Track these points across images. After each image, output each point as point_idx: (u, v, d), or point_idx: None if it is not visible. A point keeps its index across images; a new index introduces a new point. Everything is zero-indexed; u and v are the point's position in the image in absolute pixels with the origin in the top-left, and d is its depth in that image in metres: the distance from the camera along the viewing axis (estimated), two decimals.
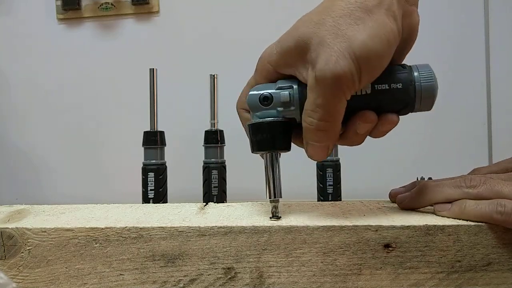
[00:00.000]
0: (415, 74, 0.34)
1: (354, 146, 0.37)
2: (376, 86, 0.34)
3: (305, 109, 0.33)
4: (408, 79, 0.34)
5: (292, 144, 0.38)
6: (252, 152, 0.38)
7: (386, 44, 0.31)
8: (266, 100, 0.35)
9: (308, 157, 0.36)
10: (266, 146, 0.36)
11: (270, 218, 0.36)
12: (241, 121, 0.40)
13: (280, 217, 0.36)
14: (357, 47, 0.30)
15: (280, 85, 0.35)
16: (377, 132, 0.35)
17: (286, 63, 0.34)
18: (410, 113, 0.36)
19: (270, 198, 0.36)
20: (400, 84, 0.34)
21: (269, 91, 0.36)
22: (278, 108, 0.35)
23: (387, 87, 0.34)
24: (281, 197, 0.36)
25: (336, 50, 0.30)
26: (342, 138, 0.36)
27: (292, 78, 0.36)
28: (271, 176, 0.36)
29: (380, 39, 0.30)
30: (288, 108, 0.35)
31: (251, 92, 0.36)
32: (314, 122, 0.32)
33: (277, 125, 0.36)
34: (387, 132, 0.36)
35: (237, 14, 0.86)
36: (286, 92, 0.35)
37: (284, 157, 0.40)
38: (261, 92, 0.36)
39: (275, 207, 0.36)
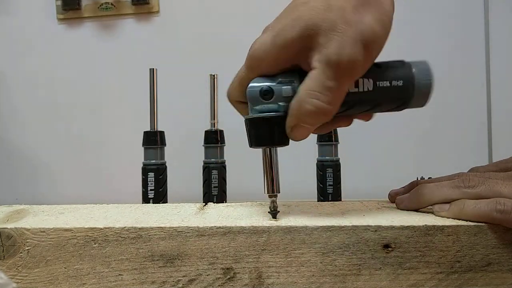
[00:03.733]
0: (414, 70, 0.34)
1: (353, 146, 0.37)
2: (378, 83, 0.34)
3: (309, 90, 0.32)
4: (409, 76, 0.34)
5: (291, 142, 0.37)
6: (250, 147, 0.37)
7: (388, 27, 0.31)
8: (267, 94, 0.35)
9: (292, 139, 0.35)
10: (266, 141, 0.36)
11: (269, 213, 0.36)
12: (239, 112, 0.39)
13: (279, 211, 0.36)
14: (366, 33, 0.29)
15: (281, 79, 0.35)
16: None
17: (287, 56, 0.33)
18: (409, 112, 0.36)
19: (268, 193, 0.36)
20: (401, 81, 0.34)
21: (269, 84, 0.35)
22: (280, 103, 0.34)
23: (388, 84, 0.34)
24: (279, 192, 0.36)
25: (349, 36, 0.29)
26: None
27: (290, 72, 0.35)
28: (270, 171, 0.36)
29: (383, 23, 0.30)
30: (289, 102, 0.34)
31: (251, 85, 0.35)
32: (320, 104, 0.31)
33: (278, 119, 0.35)
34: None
35: (237, 14, 0.86)
36: (289, 87, 0.34)
37: (284, 157, 0.40)
38: (262, 85, 0.35)
39: (274, 202, 0.36)
